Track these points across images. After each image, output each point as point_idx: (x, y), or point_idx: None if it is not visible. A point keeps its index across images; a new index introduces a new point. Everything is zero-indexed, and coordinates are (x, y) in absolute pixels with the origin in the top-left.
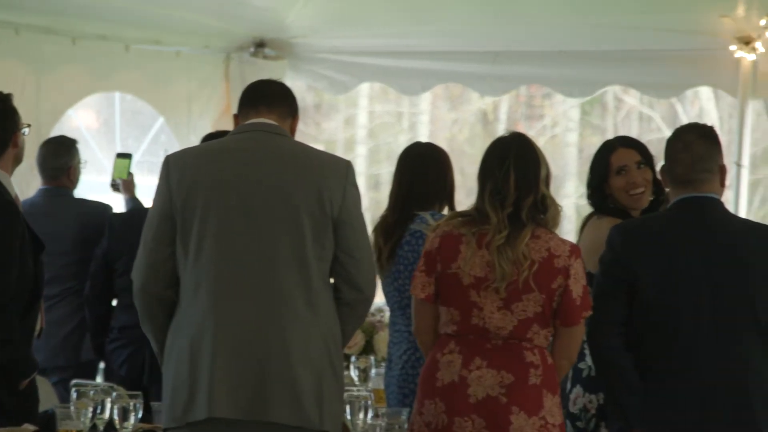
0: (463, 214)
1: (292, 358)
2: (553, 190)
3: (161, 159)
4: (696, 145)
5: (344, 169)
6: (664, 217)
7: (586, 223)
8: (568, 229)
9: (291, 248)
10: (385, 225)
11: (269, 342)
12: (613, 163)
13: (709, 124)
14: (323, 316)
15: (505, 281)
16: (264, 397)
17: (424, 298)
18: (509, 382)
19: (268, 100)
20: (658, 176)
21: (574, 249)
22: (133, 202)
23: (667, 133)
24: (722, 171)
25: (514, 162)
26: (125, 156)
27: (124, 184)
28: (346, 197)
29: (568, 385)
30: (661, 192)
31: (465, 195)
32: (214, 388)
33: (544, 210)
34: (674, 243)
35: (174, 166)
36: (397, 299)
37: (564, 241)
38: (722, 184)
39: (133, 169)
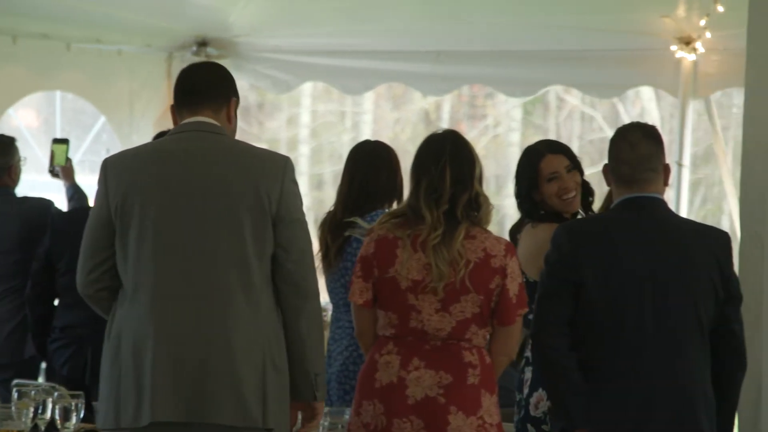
0: (396, 214)
1: (234, 358)
2: (496, 189)
3: (103, 158)
4: (641, 145)
5: (282, 165)
6: (609, 218)
7: (516, 230)
8: (510, 227)
9: (231, 247)
10: (333, 222)
11: (210, 342)
12: (543, 170)
13: (651, 123)
14: (265, 313)
15: (443, 282)
16: (207, 398)
17: (362, 304)
18: (447, 382)
19: (200, 96)
20: (587, 177)
21: (509, 247)
22: (74, 190)
23: (609, 133)
24: (666, 170)
25: (450, 159)
26: (62, 141)
27: (63, 170)
28: (283, 194)
29: (525, 390)
30: (590, 193)
31: (407, 194)
32: (157, 392)
33: (478, 208)
34: (619, 243)
35: (111, 170)
36: (343, 296)
37: (499, 240)
38: (666, 184)
39: (74, 164)
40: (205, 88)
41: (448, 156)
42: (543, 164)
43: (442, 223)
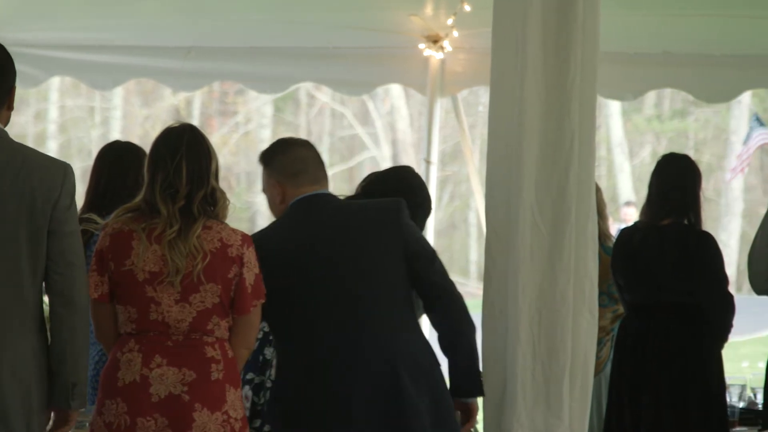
0: (131, 208)
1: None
2: (247, 186)
3: None
4: (298, 148)
5: (61, 176)
6: (285, 220)
7: None
8: (261, 224)
9: (4, 262)
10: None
11: None
12: None
13: (400, 121)
14: (39, 327)
15: (180, 275)
16: None
17: (97, 298)
18: (191, 379)
19: None
20: None
21: (245, 238)
22: None
23: (360, 129)
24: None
25: (186, 154)
26: None
27: None
28: (58, 207)
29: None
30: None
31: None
32: None
33: (214, 203)
34: (297, 241)
35: None
36: None
37: (235, 231)
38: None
39: None
40: None
41: (185, 151)
42: None
43: (178, 219)
